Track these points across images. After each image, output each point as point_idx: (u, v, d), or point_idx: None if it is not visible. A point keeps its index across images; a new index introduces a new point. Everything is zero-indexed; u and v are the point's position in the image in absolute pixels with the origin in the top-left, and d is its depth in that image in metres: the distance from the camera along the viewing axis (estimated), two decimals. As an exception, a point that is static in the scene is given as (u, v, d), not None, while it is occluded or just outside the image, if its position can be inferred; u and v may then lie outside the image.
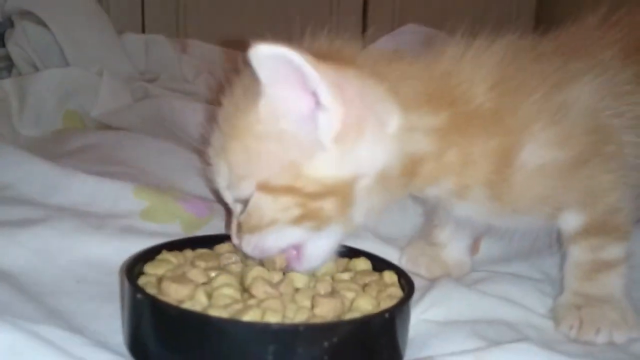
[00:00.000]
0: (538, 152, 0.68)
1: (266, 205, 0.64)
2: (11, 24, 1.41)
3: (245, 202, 0.66)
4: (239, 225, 0.68)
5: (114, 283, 0.72)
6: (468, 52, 0.69)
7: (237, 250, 0.70)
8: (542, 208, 0.72)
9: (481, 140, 0.68)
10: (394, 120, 0.65)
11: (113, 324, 0.66)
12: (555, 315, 0.75)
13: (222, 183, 0.68)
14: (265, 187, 0.64)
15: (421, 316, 0.71)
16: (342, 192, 0.64)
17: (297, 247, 0.67)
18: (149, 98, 1.35)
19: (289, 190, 0.63)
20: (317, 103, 0.61)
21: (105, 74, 1.34)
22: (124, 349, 0.62)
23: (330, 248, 0.69)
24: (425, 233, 0.90)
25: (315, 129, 0.62)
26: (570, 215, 0.73)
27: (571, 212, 0.73)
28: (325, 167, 0.63)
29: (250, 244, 0.67)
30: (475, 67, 0.69)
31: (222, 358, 0.55)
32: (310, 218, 0.64)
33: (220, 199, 0.75)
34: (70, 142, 1.14)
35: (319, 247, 0.68)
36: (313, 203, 0.63)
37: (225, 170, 0.67)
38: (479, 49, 0.70)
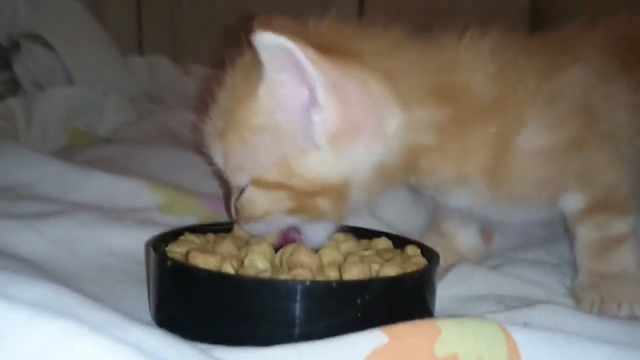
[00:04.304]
0: (534, 136, 0.70)
1: (259, 199, 0.65)
2: (17, 47, 1.42)
3: (240, 190, 0.67)
4: (236, 210, 0.69)
5: (137, 271, 0.72)
6: (465, 42, 0.70)
7: None
8: (541, 192, 0.73)
9: (479, 128, 0.69)
10: (394, 121, 0.65)
11: (140, 305, 0.65)
12: (575, 296, 0.75)
13: (219, 164, 0.68)
14: (258, 182, 0.64)
15: (443, 293, 0.72)
16: (336, 190, 0.64)
17: (297, 229, 0.69)
18: (154, 114, 1.37)
19: (281, 186, 0.63)
20: (314, 100, 0.60)
21: (111, 93, 1.36)
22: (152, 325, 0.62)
23: (329, 229, 0.71)
24: (434, 225, 0.91)
25: (309, 126, 0.61)
26: (571, 197, 0.75)
27: (572, 194, 0.74)
28: (317, 167, 0.63)
29: (246, 226, 0.69)
30: (475, 57, 0.70)
31: (253, 319, 0.55)
32: (303, 212, 0.65)
33: (220, 177, 0.75)
34: (79, 155, 1.14)
35: (318, 230, 0.69)
36: (306, 200, 0.64)
37: (222, 156, 0.67)
38: (475, 40, 0.71)
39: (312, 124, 0.61)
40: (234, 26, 0.70)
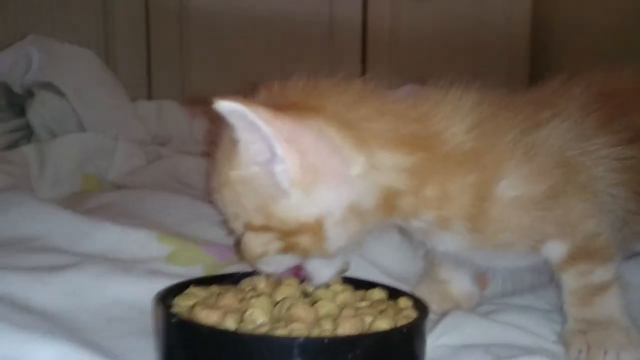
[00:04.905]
0: (513, 185, 0.74)
1: (254, 241, 0.73)
2: (30, 95, 1.48)
3: (240, 235, 0.75)
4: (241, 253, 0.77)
5: (145, 321, 0.76)
6: (447, 96, 0.76)
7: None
8: (523, 240, 0.77)
9: (459, 176, 0.73)
10: (358, 164, 0.70)
11: (147, 358, 0.69)
12: (563, 342, 0.78)
13: (223, 214, 0.76)
14: (250, 226, 0.72)
15: (436, 342, 0.75)
16: (312, 229, 0.70)
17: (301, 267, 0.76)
18: (162, 159, 1.41)
19: (266, 228, 0.71)
20: (273, 153, 0.67)
21: (121, 138, 1.41)
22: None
23: (333, 269, 0.77)
24: (429, 271, 0.95)
25: (275, 176, 0.69)
26: (553, 245, 0.78)
27: (553, 242, 0.78)
28: (289, 210, 0.70)
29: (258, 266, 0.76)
30: (454, 109, 0.75)
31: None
32: (292, 250, 0.72)
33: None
34: (89, 201, 1.18)
35: (321, 269, 0.76)
36: (290, 238, 0.71)
37: (223, 207, 0.75)
38: (457, 94, 0.77)
39: (276, 174, 0.68)
40: (244, 90, 0.75)
